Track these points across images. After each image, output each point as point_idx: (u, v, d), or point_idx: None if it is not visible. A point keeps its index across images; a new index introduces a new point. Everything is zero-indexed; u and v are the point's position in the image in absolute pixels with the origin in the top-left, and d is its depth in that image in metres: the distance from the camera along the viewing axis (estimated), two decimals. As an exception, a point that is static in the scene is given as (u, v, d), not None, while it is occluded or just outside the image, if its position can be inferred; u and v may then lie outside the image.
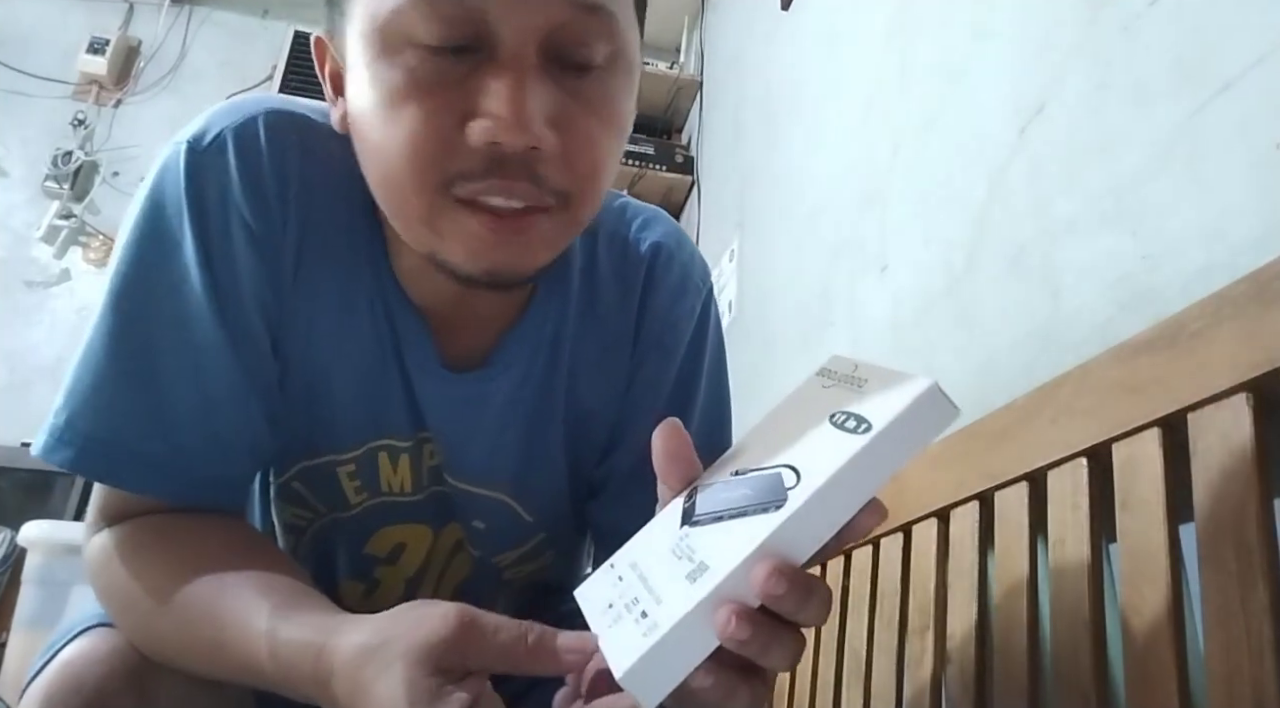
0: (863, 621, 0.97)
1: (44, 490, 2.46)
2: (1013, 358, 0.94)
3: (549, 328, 0.65)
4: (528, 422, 0.67)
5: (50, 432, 0.54)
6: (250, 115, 0.56)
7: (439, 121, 0.47)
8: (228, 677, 0.50)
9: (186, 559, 0.53)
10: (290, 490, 0.67)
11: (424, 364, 0.62)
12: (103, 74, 2.85)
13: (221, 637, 0.49)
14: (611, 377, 0.69)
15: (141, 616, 0.53)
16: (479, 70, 0.47)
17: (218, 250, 0.55)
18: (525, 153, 0.47)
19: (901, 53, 1.34)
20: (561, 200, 0.50)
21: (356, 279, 0.60)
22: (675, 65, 2.89)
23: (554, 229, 0.51)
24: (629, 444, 0.69)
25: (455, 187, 0.48)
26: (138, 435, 0.54)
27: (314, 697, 0.46)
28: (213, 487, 0.57)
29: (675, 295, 0.69)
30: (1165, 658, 0.57)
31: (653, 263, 0.69)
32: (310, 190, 0.57)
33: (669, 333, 0.69)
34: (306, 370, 0.61)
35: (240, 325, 0.56)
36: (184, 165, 0.55)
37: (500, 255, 0.50)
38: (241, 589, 0.51)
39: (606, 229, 0.69)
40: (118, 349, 0.54)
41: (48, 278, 2.71)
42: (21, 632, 1.93)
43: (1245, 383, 0.55)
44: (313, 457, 0.64)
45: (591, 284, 0.68)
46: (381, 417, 0.63)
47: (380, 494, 0.67)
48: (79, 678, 0.50)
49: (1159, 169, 0.76)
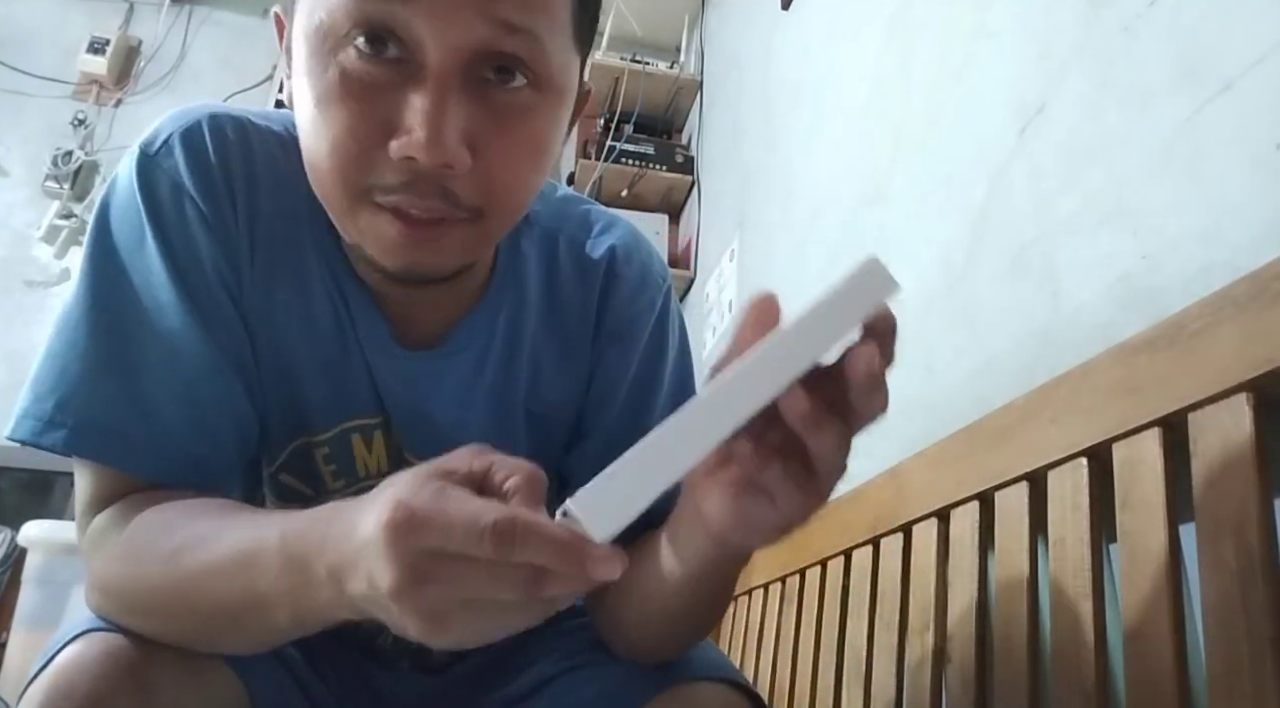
0: (863, 621, 0.97)
1: (44, 490, 2.47)
2: (1013, 358, 0.94)
3: (503, 318, 0.68)
4: (486, 408, 0.68)
5: (38, 417, 0.56)
6: (195, 119, 0.61)
7: (363, 131, 0.50)
8: (238, 597, 0.48)
9: (188, 508, 0.55)
10: (280, 485, 0.68)
11: (378, 341, 0.64)
12: (103, 74, 2.85)
13: (231, 552, 0.48)
14: (573, 373, 0.71)
15: (148, 567, 0.53)
16: (407, 80, 0.50)
17: (177, 239, 0.59)
18: (439, 170, 0.50)
19: (902, 52, 1.34)
20: (473, 214, 0.53)
21: (308, 263, 0.63)
22: (675, 65, 2.89)
23: (465, 239, 0.54)
24: (594, 437, 0.71)
25: (374, 193, 0.52)
26: (125, 419, 0.56)
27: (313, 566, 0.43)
28: (201, 467, 0.59)
29: (635, 291, 0.72)
30: (1165, 658, 0.57)
31: (612, 262, 0.71)
32: (255, 183, 0.61)
33: (629, 327, 0.72)
34: (275, 353, 0.63)
35: (209, 306, 0.59)
36: (136, 168, 0.59)
37: (414, 256, 0.53)
38: (251, 511, 0.54)
39: (567, 234, 0.72)
40: (98, 338, 0.57)
41: (48, 278, 2.72)
42: (21, 632, 1.94)
43: (1245, 383, 0.55)
44: (292, 439, 0.66)
45: (553, 286, 0.71)
46: (347, 396, 0.66)
47: (357, 480, 0.68)
48: (73, 682, 0.50)
49: (1159, 169, 0.76)
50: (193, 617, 0.52)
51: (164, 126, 0.61)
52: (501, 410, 0.69)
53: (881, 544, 0.98)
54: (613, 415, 0.71)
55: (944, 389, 1.05)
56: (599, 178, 2.69)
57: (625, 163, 2.71)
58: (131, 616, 0.54)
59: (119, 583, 0.55)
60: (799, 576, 1.19)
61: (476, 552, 0.36)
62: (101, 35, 2.87)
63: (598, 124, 2.82)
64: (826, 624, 1.06)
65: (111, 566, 0.56)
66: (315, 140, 0.52)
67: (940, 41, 1.22)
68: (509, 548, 0.36)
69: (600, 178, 2.70)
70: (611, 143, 2.70)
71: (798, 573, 1.20)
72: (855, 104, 1.51)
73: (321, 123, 0.51)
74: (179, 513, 0.54)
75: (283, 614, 0.47)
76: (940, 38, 1.22)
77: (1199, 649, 0.57)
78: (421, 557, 0.37)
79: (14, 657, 1.93)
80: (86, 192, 2.78)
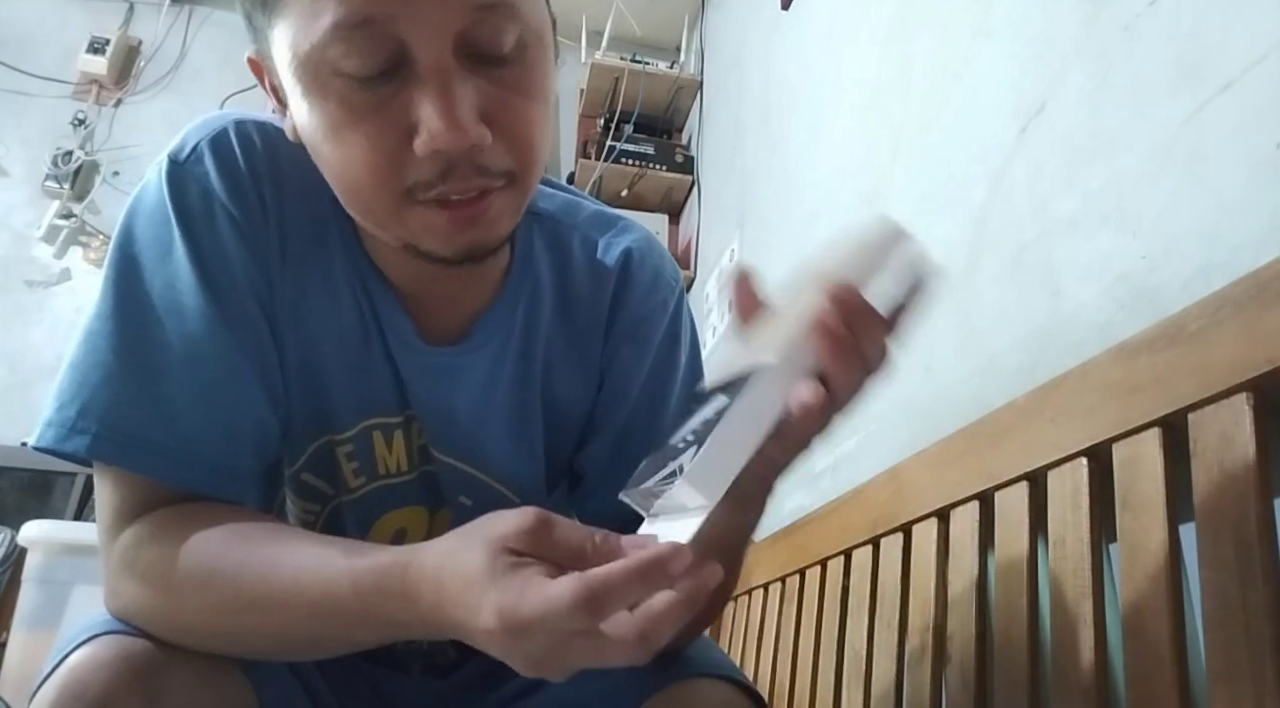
0: (863, 621, 0.97)
1: (44, 490, 2.46)
2: (1013, 358, 0.94)
3: (520, 312, 0.69)
4: (506, 402, 0.69)
5: (60, 424, 0.56)
6: (221, 126, 0.62)
7: (385, 142, 0.52)
8: (300, 623, 0.52)
9: (235, 526, 0.55)
10: (301, 483, 0.68)
11: (402, 338, 0.66)
12: (103, 74, 2.85)
13: (296, 577, 0.51)
14: (584, 369, 0.72)
15: (196, 585, 0.53)
16: (407, 86, 0.51)
17: (207, 246, 0.59)
18: (468, 152, 0.52)
19: (901, 53, 1.34)
20: (509, 178, 0.55)
21: (334, 264, 0.64)
22: (675, 65, 2.89)
23: (507, 201, 0.56)
24: (607, 433, 0.73)
25: (415, 193, 0.53)
26: (147, 424, 0.56)
27: (400, 617, 0.48)
28: (223, 475, 0.59)
29: (648, 291, 0.73)
30: (1165, 658, 0.57)
31: (626, 263, 0.73)
32: (281, 187, 0.62)
33: (642, 327, 0.73)
34: (302, 352, 0.64)
35: (237, 313, 0.60)
36: (166, 177, 0.60)
37: (469, 235, 0.56)
38: (303, 538, 0.55)
39: (581, 231, 0.73)
40: (121, 347, 0.57)
41: (48, 278, 2.71)
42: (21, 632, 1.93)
43: (1245, 383, 0.55)
44: (315, 438, 0.67)
45: (565, 281, 0.72)
46: (371, 394, 0.67)
47: (378, 477, 0.69)
48: (84, 684, 0.50)
49: (1159, 169, 0.76)
50: (240, 640, 0.55)
51: (190, 135, 0.61)
52: (520, 403, 0.70)
53: (881, 544, 0.99)
54: (626, 413, 0.72)
55: (944, 389, 1.05)
56: (599, 178, 2.69)
57: (625, 163, 2.71)
58: (168, 632, 0.54)
59: (160, 604, 0.55)
60: (799, 576, 1.19)
61: (574, 627, 0.39)
62: (101, 35, 2.86)
63: (598, 124, 2.83)
64: (826, 624, 1.06)
65: (148, 586, 0.55)
66: (340, 166, 0.54)
67: (940, 41, 1.22)
68: (599, 608, 0.39)
69: (600, 178, 2.70)
70: (611, 143, 2.70)
71: (798, 573, 1.20)
72: (855, 104, 1.51)
73: (341, 150, 0.53)
74: (225, 539, 0.54)
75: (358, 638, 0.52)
76: (940, 38, 1.22)
77: (1199, 649, 0.57)
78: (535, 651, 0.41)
79: (14, 657, 1.93)
80: (86, 192, 2.78)
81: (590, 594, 0.39)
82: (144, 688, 0.51)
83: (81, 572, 1.90)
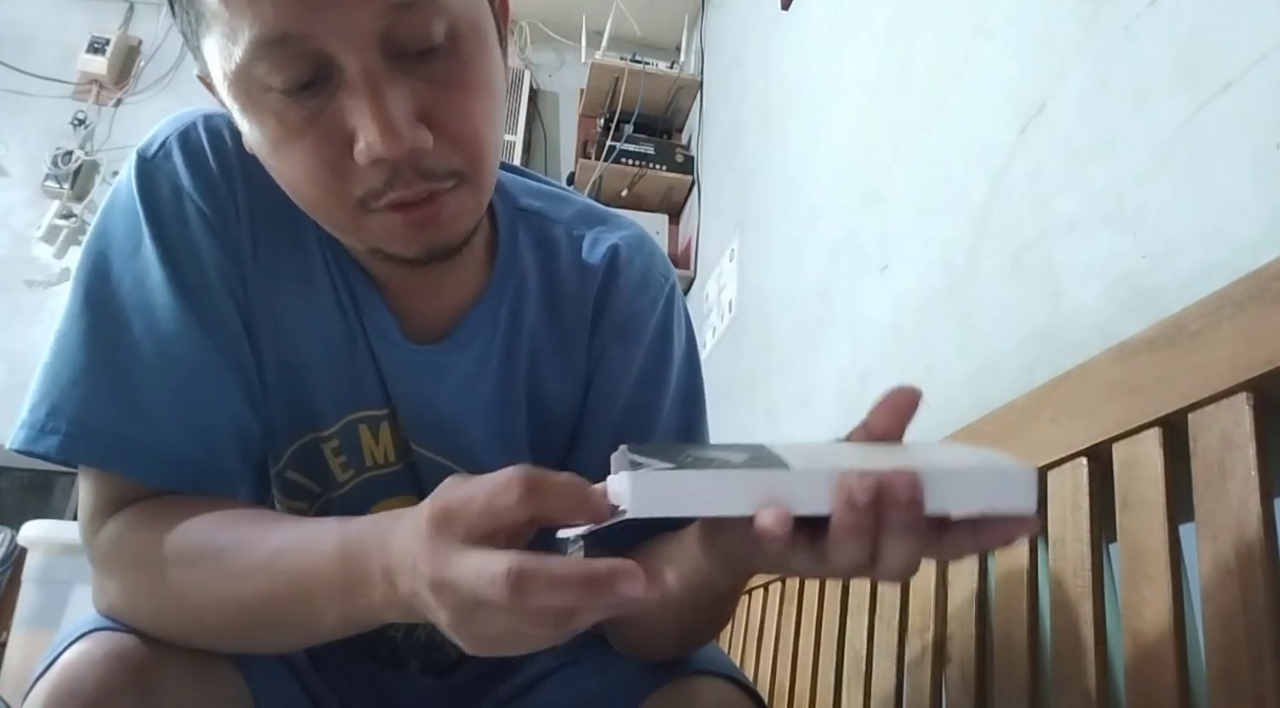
0: (863, 621, 0.97)
1: (44, 490, 2.47)
2: (1013, 358, 0.94)
3: (505, 309, 0.68)
4: (490, 398, 0.68)
5: (31, 425, 0.56)
6: (190, 121, 0.61)
7: (325, 154, 0.51)
8: (285, 600, 0.50)
9: (218, 511, 0.55)
10: (287, 482, 0.67)
11: (385, 334, 0.65)
12: (103, 73, 2.85)
13: (280, 544, 0.51)
14: (570, 365, 0.71)
15: (184, 564, 0.53)
16: (338, 94, 0.50)
17: (177, 242, 0.59)
18: (408, 156, 0.50)
19: (901, 53, 1.34)
20: (458, 177, 0.54)
21: (313, 260, 0.63)
22: (675, 65, 2.89)
23: (461, 200, 0.55)
24: (598, 433, 0.71)
25: (367, 202, 0.52)
26: (119, 422, 0.56)
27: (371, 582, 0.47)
28: (201, 472, 0.58)
29: (636, 288, 0.71)
30: (1165, 658, 0.57)
31: (612, 259, 0.71)
32: (252, 182, 0.61)
33: (630, 324, 0.71)
34: (280, 350, 0.63)
35: (209, 310, 0.59)
36: (135, 173, 0.59)
37: (426, 236, 0.55)
38: (292, 518, 0.55)
39: (567, 228, 0.72)
40: (91, 346, 0.57)
41: (48, 278, 2.72)
42: (21, 632, 1.94)
43: (1245, 383, 0.55)
44: (299, 436, 0.66)
45: (550, 276, 0.71)
46: (354, 389, 0.66)
47: (365, 469, 0.68)
48: (78, 681, 0.50)
49: (1159, 169, 0.76)
50: (229, 617, 0.53)
51: (160, 131, 0.61)
52: (504, 400, 0.69)
53: (881, 544, 0.98)
54: (618, 413, 0.71)
55: (944, 389, 1.05)
56: (599, 178, 2.70)
57: (625, 163, 2.71)
58: (156, 619, 0.54)
59: (147, 588, 0.54)
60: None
61: (496, 599, 0.38)
62: (101, 35, 2.87)
63: (598, 124, 2.83)
64: (826, 624, 1.06)
65: (134, 571, 0.55)
66: (289, 180, 0.54)
67: (940, 41, 1.22)
68: (521, 595, 0.38)
69: (600, 178, 2.70)
70: (611, 143, 2.70)
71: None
72: (855, 104, 1.51)
73: (286, 165, 0.53)
74: (211, 519, 0.54)
75: (331, 612, 0.49)
76: (940, 38, 1.22)
77: (1199, 649, 0.57)
78: (462, 605, 0.41)
79: (14, 657, 1.93)
80: (86, 191, 2.78)
81: (521, 575, 0.38)
82: (137, 684, 0.51)
83: (82, 572, 1.89)
